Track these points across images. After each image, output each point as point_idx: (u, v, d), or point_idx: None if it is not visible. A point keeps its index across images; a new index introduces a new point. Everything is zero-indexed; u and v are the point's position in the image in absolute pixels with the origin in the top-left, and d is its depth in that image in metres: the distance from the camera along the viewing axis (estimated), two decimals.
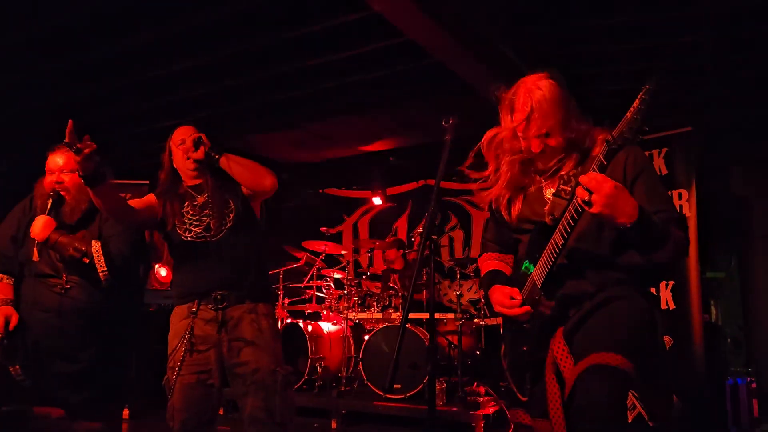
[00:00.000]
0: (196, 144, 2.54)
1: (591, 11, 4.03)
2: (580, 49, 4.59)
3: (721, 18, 3.99)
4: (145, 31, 4.26)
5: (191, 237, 2.58)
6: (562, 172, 1.96)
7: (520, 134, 1.96)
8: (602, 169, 1.66)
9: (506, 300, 1.97)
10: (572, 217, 1.75)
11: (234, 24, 4.20)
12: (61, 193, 2.84)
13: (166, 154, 2.72)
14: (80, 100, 5.45)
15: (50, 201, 2.79)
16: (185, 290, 2.59)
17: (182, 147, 2.61)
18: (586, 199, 1.64)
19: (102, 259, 2.79)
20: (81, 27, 4.20)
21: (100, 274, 2.80)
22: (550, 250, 1.84)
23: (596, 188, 1.63)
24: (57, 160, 2.88)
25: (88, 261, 2.76)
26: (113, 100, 5.51)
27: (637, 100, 1.57)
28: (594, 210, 1.65)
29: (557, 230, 1.80)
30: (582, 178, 1.66)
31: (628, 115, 1.59)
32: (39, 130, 5.94)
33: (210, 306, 2.50)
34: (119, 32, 4.28)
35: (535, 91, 1.90)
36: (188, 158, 2.60)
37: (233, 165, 2.53)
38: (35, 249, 2.77)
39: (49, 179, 2.88)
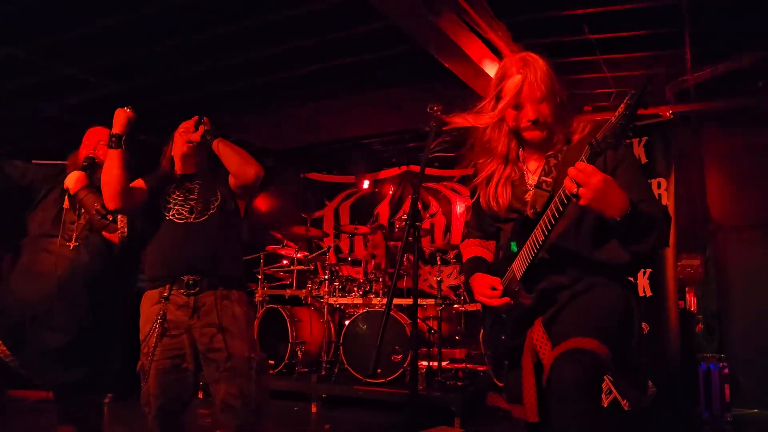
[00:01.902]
0: (197, 124, 2.60)
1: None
2: (559, 37, 4.60)
3: (698, 8, 4.03)
4: (126, 10, 4.19)
5: (172, 216, 2.59)
6: (547, 153, 1.95)
7: (517, 99, 1.92)
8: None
9: (487, 290, 1.98)
10: (553, 215, 1.75)
11: (216, 6, 4.15)
12: (96, 160, 2.90)
13: (169, 144, 2.79)
14: (57, 83, 5.37)
15: (87, 162, 2.87)
16: (157, 273, 2.58)
17: (183, 134, 2.67)
18: (575, 191, 1.63)
19: (125, 220, 2.84)
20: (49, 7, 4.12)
21: (118, 233, 2.83)
22: (530, 244, 1.84)
23: (584, 181, 1.61)
24: (96, 135, 2.99)
25: (111, 218, 2.80)
26: (94, 81, 5.42)
27: (622, 105, 1.54)
28: (582, 203, 1.63)
29: (539, 225, 1.79)
30: (570, 170, 1.63)
31: (613, 119, 1.56)
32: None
33: (182, 291, 2.49)
34: (98, 13, 4.21)
35: (529, 60, 1.92)
36: (187, 141, 2.64)
37: (223, 148, 2.56)
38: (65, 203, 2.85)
39: (86, 151, 2.97)
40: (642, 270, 4.44)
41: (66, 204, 2.87)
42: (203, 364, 2.48)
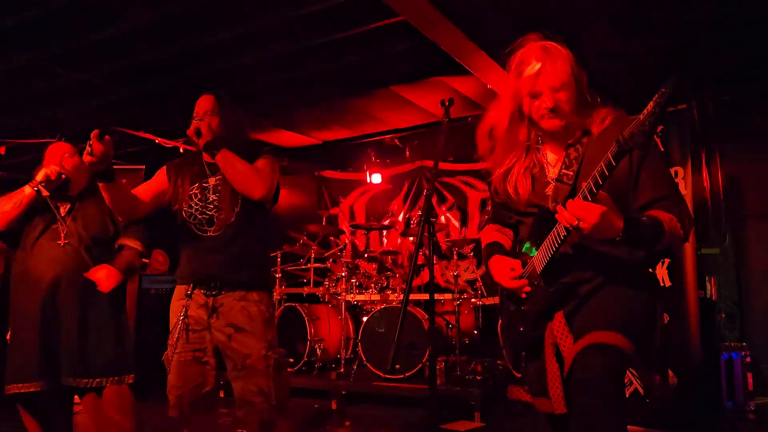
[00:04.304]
0: (197, 133, 2.53)
1: None
2: (572, 27, 4.56)
3: None
4: (137, 13, 4.22)
5: (193, 226, 2.59)
6: (567, 142, 1.93)
7: (534, 87, 1.88)
8: (610, 168, 1.62)
9: (507, 271, 1.97)
10: None
11: (228, 7, 4.17)
12: (63, 176, 2.97)
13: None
14: (76, 86, 5.43)
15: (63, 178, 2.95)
16: (182, 273, 2.63)
17: (194, 124, 2.59)
18: (575, 224, 1.66)
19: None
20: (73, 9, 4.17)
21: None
22: (552, 238, 1.83)
23: (583, 216, 1.64)
24: (59, 149, 3.03)
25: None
26: (106, 86, 5.48)
27: (651, 103, 1.52)
28: (584, 233, 1.68)
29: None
30: (569, 205, 1.67)
31: (641, 117, 1.54)
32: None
33: (203, 291, 2.53)
34: (109, 17, 4.24)
35: (550, 47, 1.88)
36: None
37: (227, 166, 2.51)
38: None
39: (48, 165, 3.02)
40: (660, 260, 4.40)
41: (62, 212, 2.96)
42: (225, 360, 2.53)
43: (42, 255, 2.89)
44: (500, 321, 2.19)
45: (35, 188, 2.86)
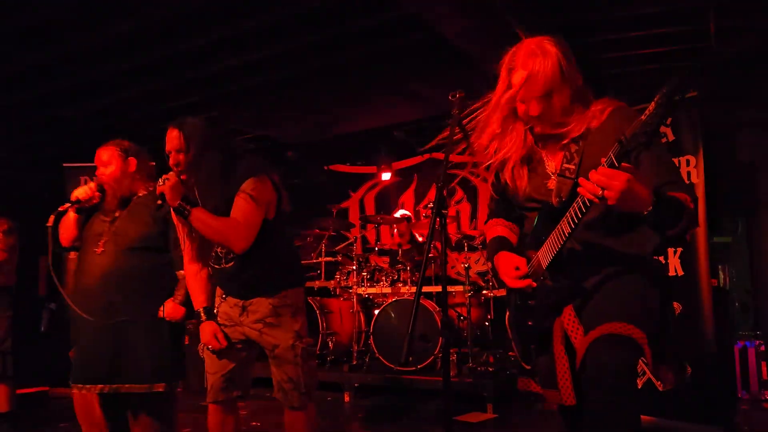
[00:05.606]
0: (162, 200, 2.46)
1: None
2: (581, 17, 4.54)
3: None
4: (144, 12, 4.24)
5: (210, 258, 2.70)
6: (563, 141, 1.91)
7: (518, 95, 1.87)
8: (613, 168, 1.58)
9: (511, 270, 1.97)
10: (580, 209, 1.71)
11: (235, 3, 4.18)
12: (104, 186, 3.00)
13: None
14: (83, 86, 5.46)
15: (99, 195, 2.97)
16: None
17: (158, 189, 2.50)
18: (599, 194, 1.58)
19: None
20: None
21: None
22: (557, 234, 1.81)
23: (608, 185, 1.56)
24: (100, 155, 3.02)
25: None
26: (123, 82, 5.50)
27: (652, 104, 1.49)
28: (609, 203, 1.59)
29: (565, 217, 1.76)
30: (592, 176, 1.59)
31: (643, 117, 1.51)
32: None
33: (235, 296, 2.69)
34: (117, 17, 4.26)
35: (537, 51, 1.84)
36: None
37: (200, 228, 2.48)
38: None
39: (97, 172, 3.04)
40: (672, 249, 4.38)
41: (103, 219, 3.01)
42: (265, 350, 2.66)
43: (85, 261, 2.95)
44: (507, 313, 2.19)
45: (74, 210, 2.93)
